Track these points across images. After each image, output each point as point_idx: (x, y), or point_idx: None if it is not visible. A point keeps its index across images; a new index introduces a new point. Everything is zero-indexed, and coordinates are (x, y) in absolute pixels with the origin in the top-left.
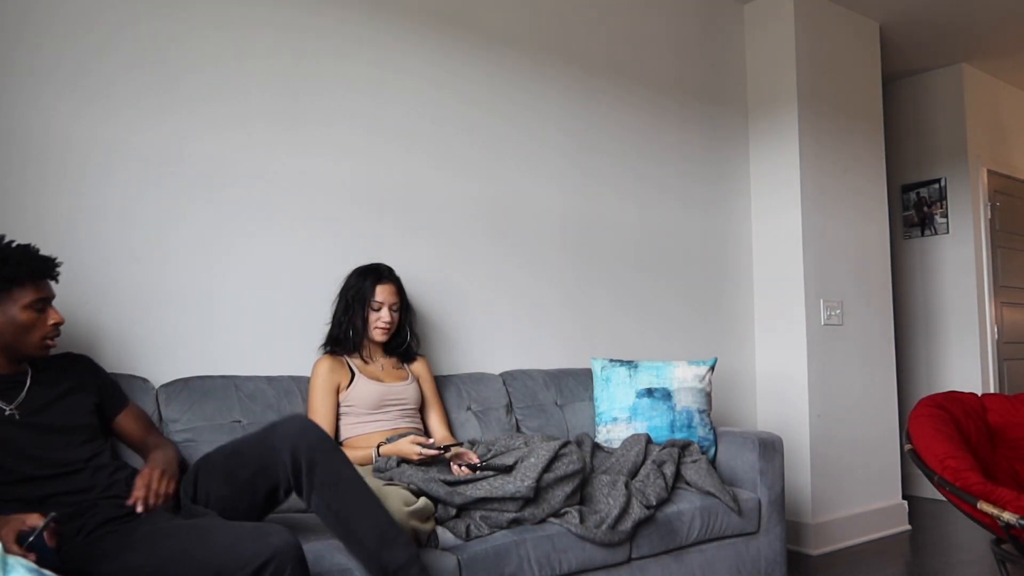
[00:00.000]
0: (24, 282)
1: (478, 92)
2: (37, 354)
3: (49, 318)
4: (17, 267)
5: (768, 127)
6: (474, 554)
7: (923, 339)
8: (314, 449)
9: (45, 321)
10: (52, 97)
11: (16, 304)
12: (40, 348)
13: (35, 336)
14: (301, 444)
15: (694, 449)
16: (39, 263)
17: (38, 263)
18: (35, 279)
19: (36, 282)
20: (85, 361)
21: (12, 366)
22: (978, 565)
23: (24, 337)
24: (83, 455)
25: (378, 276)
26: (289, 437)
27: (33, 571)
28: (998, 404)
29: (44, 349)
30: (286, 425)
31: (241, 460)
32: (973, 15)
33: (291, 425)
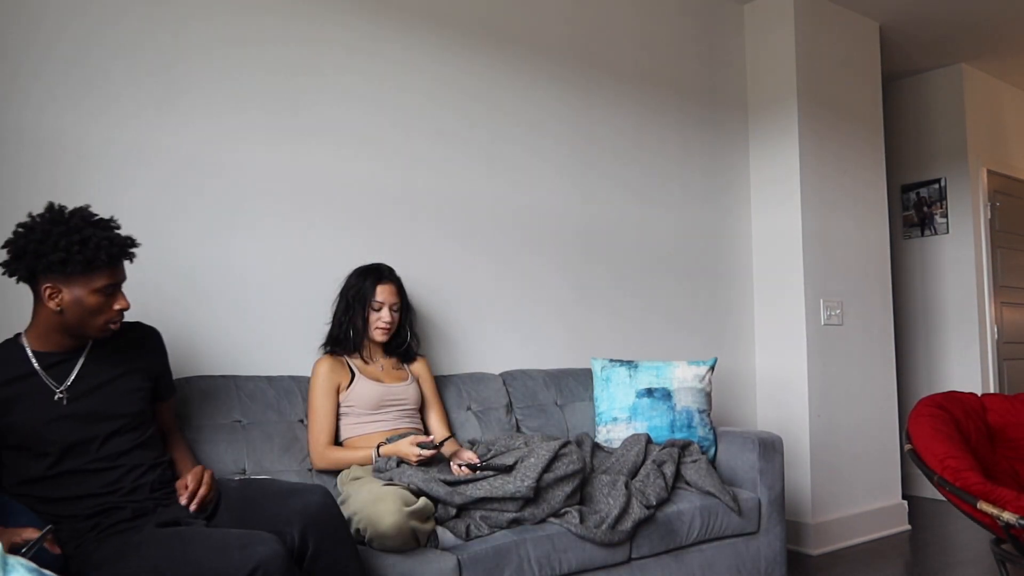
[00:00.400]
0: (99, 268)
1: (478, 93)
2: (98, 336)
3: (116, 303)
4: (96, 251)
5: (768, 127)
6: (474, 554)
7: (923, 339)
8: (325, 536)
9: (111, 306)
10: (60, 106)
11: (87, 288)
12: (101, 331)
13: (99, 320)
14: (313, 527)
15: (694, 449)
16: (118, 247)
17: (117, 247)
18: (112, 264)
19: (112, 268)
20: (154, 339)
21: (70, 343)
22: (978, 565)
23: (88, 320)
24: (122, 446)
25: (378, 276)
26: (304, 514)
27: (33, 571)
28: (998, 404)
29: (105, 332)
30: (307, 497)
31: (254, 509)
32: (973, 15)
33: (311, 501)
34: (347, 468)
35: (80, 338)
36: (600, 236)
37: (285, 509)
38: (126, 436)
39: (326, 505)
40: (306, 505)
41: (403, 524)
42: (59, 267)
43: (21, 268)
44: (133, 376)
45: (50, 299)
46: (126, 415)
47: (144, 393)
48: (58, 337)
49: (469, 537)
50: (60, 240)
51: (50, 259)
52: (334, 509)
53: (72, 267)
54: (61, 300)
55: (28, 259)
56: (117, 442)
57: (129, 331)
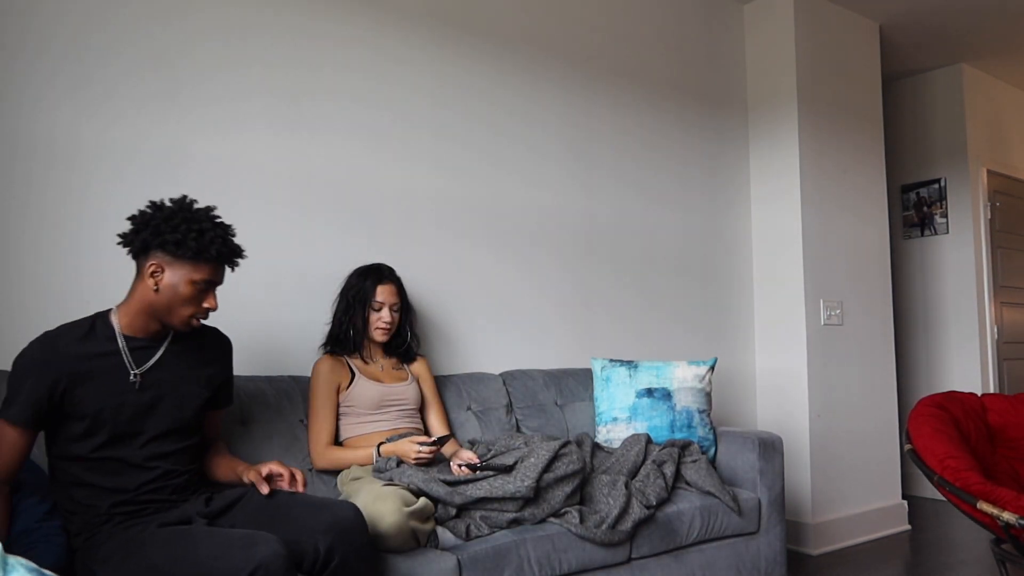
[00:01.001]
0: (206, 262)
1: (477, 95)
2: (179, 329)
3: (206, 301)
4: (209, 244)
5: (768, 127)
6: (474, 554)
7: (923, 339)
8: (352, 551)
9: (201, 302)
10: (56, 100)
11: (188, 276)
12: (184, 324)
13: (186, 311)
14: (343, 540)
15: (694, 449)
16: (228, 250)
17: (227, 250)
18: (218, 262)
19: (217, 267)
20: (225, 347)
21: (152, 331)
22: (978, 565)
23: (177, 308)
24: (164, 448)
25: (379, 276)
26: (335, 527)
27: (33, 571)
28: (998, 404)
29: (187, 327)
30: (338, 511)
31: (278, 515)
32: (973, 15)
33: (343, 516)
34: (347, 468)
35: (164, 326)
36: (600, 236)
37: (315, 520)
38: (171, 438)
39: (357, 521)
40: (337, 519)
41: (403, 524)
42: (172, 247)
43: (137, 241)
44: (199, 382)
45: (151, 276)
46: (179, 418)
47: (202, 401)
48: (145, 320)
49: (469, 537)
50: (181, 224)
51: (166, 237)
52: (364, 526)
53: (183, 251)
54: (161, 280)
55: (147, 233)
56: (161, 443)
57: (206, 335)
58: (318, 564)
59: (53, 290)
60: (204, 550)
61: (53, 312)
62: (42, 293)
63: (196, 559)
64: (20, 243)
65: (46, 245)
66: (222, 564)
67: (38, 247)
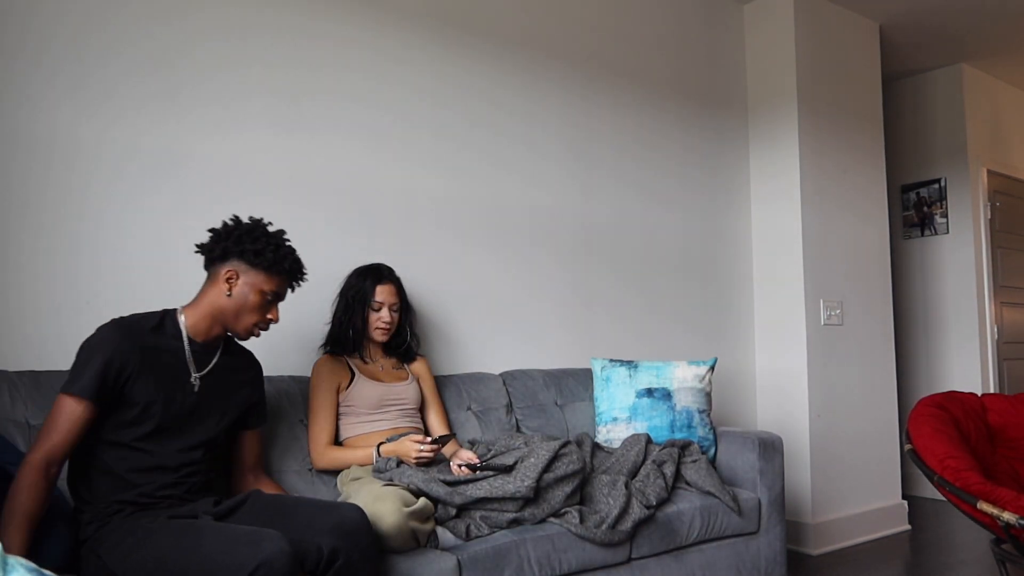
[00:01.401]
0: (278, 274)
1: (477, 95)
2: (242, 336)
3: (270, 312)
4: (283, 259)
5: (768, 127)
6: (474, 554)
7: (923, 339)
8: (357, 551)
9: (265, 313)
10: (56, 100)
11: (259, 285)
12: (247, 332)
13: (251, 319)
14: (345, 543)
15: (694, 449)
16: (297, 267)
17: (297, 267)
18: (288, 278)
19: (285, 281)
20: (257, 370)
21: (213, 335)
22: (978, 565)
23: (244, 315)
24: (196, 456)
25: (378, 276)
26: (341, 528)
27: (33, 571)
28: (998, 404)
29: (249, 335)
30: (344, 512)
31: (284, 516)
32: (973, 15)
33: (348, 517)
34: (347, 468)
35: (225, 333)
36: (600, 236)
37: (320, 520)
38: (203, 448)
39: (362, 522)
40: (342, 520)
41: (403, 524)
42: (250, 256)
43: (218, 248)
44: (235, 399)
45: (226, 281)
46: (215, 429)
47: (233, 419)
48: (209, 324)
49: (469, 537)
50: (261, 237)
51: (247, 247)
52: (369, 528)
53: (260, 260)
54: (235, 285)
55: (228, 243)
56: (194, 451)
57: (243, 356)
58: (322, 564)
59: (52, 290)
60: (210, 544)
61: (52, 312)
62: (41, 293)
63: (202, 552)
64: (19, 243)
65: (45, 245)
66: (228, 559)
67: (37, 246)
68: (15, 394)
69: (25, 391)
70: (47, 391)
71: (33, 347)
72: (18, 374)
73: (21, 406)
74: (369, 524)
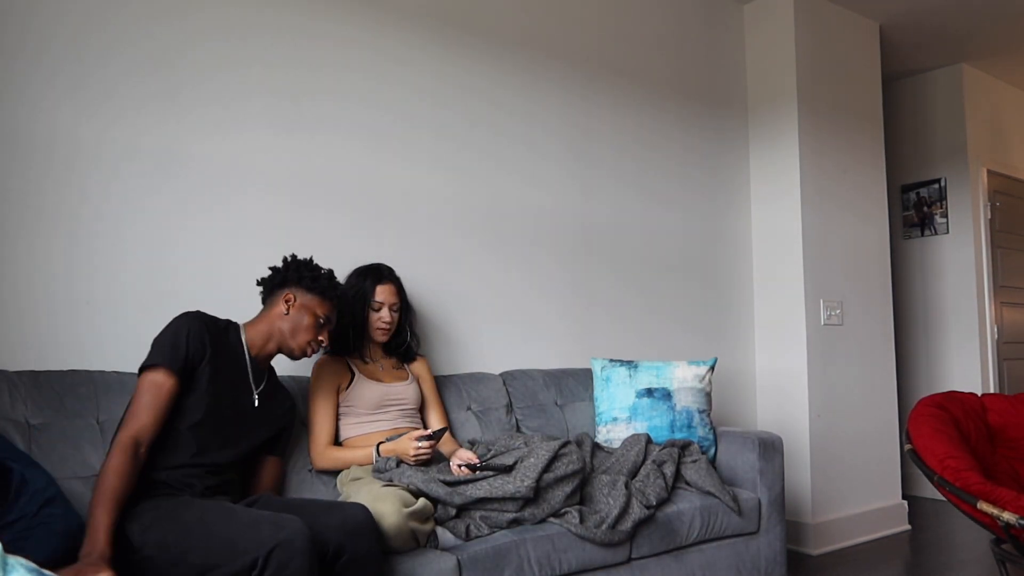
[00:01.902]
0: (330, 300)
1: (478, 95)
2: (295, 353)
3: (321, 334)
4: (335, 288)
5: (768, 127)
6: (474, 554)
7: (923, 339)
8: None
9: (318, 334)
10: (56, 100)
11: (312, 308)
12: (301, 349)
13: (304, 338)
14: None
15: (694, 449)
16: (341, 296)
17: (341, 294)
18: (337, 304)
19: (334, 307)
20: (291, 402)
21: (267, 352)
22: (978, 565)
23: (299, 333)
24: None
25: (378, 276)
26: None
27: (33, 571)
28: (998, 404)
29: (302, 352)
30: (348, 510)
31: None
32: (973, 15)
33: (353, 515)
34: (347, 468)
35: (278, 350)
36: (600, 236)
37: (327, 517)
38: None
39: (367, 521)
40: (348, 518)
41: (403, 525)
42: (308, 282)
43: (278, 276)
44: (268, 423)
45: (284, 302)
46: (248, 447)
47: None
48: (265, 340)
49: (469, 537)
50: (317, 268)
51: (304, 274)
52: (374, 526)
53: (316, 285)
54: (293, 306)
55: (287, 272)
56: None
57: (282, 387)
58: (328, 557)
59: (52, 290)
60: (235, 520)
61: (52, 312)
62: (40, 293)
63: (227, 527)
64: (19, 242)
65: (44, 244)
66: (250, 533)
67: (36, 246)
68: (15, 394)
69: (25, 391)
70: (47, 391)
71: (33, 347)
72: (18, 374)
73: (21, 406)
74: (374, 522)
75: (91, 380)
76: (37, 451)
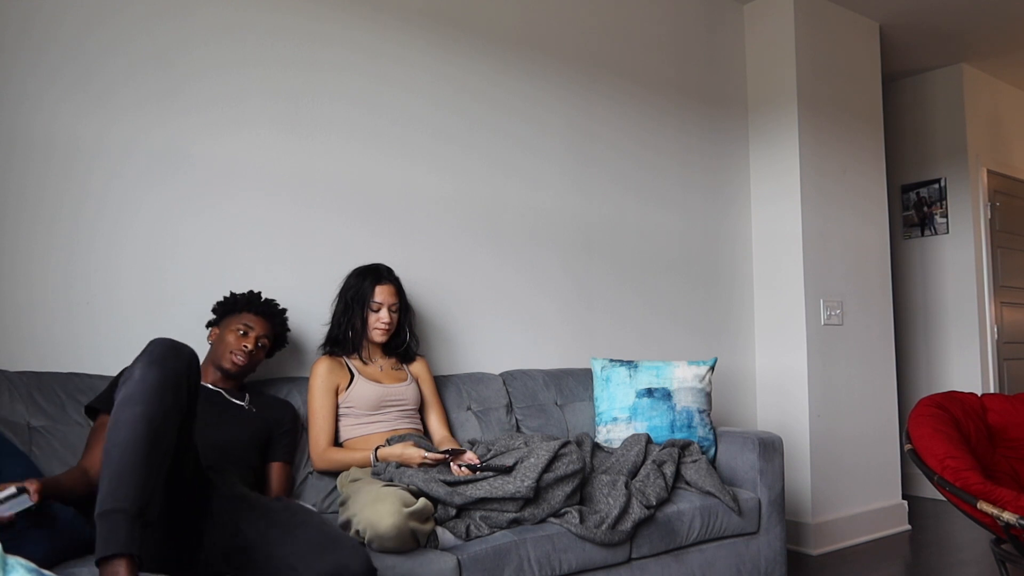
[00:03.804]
0: (239, 312)
1: (477, 96)
2: (223, 367)
3: (245, 341)
4: (247, 303)
5: (768, 127)
6: (474, 554)
7: (923, 339)
8: None
9: (241, 343)
10: (56, 99)
11: (228, 327)
12: (227, 362)
13: (226, 350)
14: None
15: (694, 449)
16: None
17: (255, 306)
18: (253, 312)
19: (253, 316)
20: (290, 410)
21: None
22: (978, 565)
23: (222, 350)
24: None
25: (377, 277)
26: None
27: (33, 571)
28: (998, 404)
29: (230, 364)
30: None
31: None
32: (973, 15)
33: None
34: (347, 469)
35: (218, 371)
36: (600, 236)
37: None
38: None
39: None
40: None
41: (402, 525)
42: (220, 313)
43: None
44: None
45: (208, 339)
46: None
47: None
48: (207, 376)
49: (469, 537)
50: (229, 297)
51: (216, 311)
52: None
53: (224, 308)
54: (214, 337)
55: (219, 308)
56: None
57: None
58: None
59: (51, 290)
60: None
61: (51, 312)
62: (40, 293)
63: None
64: (18, 242)
65: (44, 244)
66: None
67: (35, 246)
68: (15, 394)
69: (24, 391)
70: (47, 391)
71: (32, 347)
72: (18, 374)
73: (20, 406)
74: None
75: (92, 386)
76: (37, 452)
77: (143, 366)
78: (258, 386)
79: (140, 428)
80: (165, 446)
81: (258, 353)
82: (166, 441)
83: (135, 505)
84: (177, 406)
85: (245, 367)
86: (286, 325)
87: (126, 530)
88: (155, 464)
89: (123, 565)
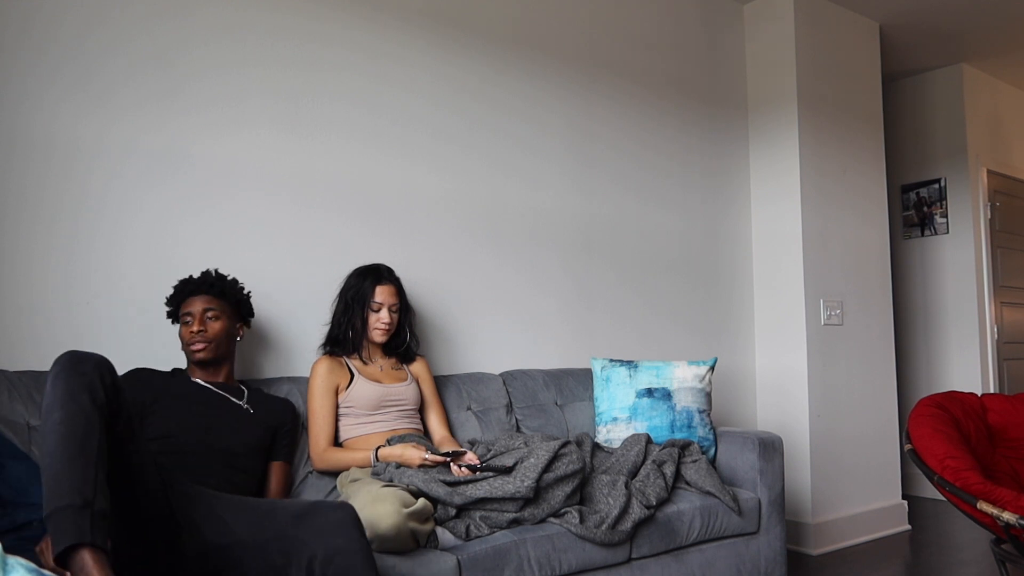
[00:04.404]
0: (177, 302)
1: (477, 96)
2: (189, 352)
3: (193, 326)
4: (182, 290)
5: (768, 127)
6: (474, 554)
7: (923, 339)
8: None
9: (189, 328)
10: (56, 99)
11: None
12: (187, 351)
13: (185, 340)
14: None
15: (694, 449)
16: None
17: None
18: (189, 294)
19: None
20: (291, 410)
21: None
22: (978, 565)
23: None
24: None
25: (378, 277)
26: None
27: (33, 571)
28: (998, 404)
29: (189, 351)
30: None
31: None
32: (973, 15)
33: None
34: (347, 469)
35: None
36: (600, 236)
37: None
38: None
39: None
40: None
41: (402, 525)
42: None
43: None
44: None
45: None
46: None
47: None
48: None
49: (469, 537)
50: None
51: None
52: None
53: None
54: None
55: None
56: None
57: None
58: None
59: (51, 290)
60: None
61: (51, 312)
62: (40, 293)
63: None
64: (18, 242)
65: (44, 244)
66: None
67: (35, 246)
68: (14, 394)
69: (24, 391)
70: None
71: (32, 347)
72: (18, 374)
73: (20, 406)
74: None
75: None
76: (37, 452)
77: (51, 379)
78: (258, 385)
79: (62, 430)
80: (95, 443)
81: (214, 327)
82: (94, 439)
83: (78, 498)
84: (96, 405)
85: (211, 350)
86: (236, 290)
87: (73, 521)
88: (89, 461)
89: (86, 554)
